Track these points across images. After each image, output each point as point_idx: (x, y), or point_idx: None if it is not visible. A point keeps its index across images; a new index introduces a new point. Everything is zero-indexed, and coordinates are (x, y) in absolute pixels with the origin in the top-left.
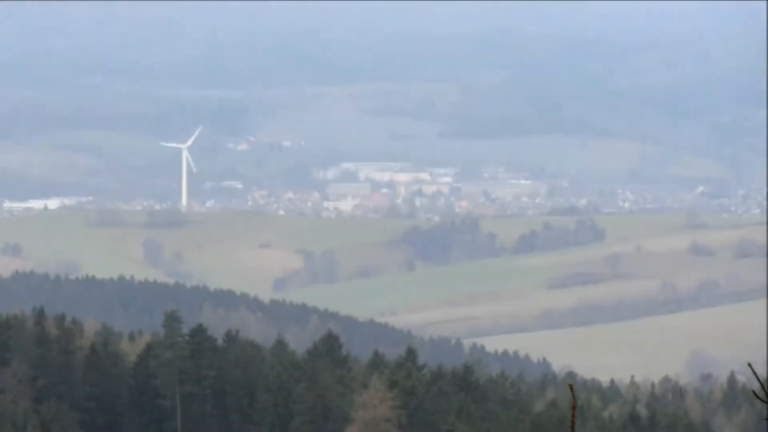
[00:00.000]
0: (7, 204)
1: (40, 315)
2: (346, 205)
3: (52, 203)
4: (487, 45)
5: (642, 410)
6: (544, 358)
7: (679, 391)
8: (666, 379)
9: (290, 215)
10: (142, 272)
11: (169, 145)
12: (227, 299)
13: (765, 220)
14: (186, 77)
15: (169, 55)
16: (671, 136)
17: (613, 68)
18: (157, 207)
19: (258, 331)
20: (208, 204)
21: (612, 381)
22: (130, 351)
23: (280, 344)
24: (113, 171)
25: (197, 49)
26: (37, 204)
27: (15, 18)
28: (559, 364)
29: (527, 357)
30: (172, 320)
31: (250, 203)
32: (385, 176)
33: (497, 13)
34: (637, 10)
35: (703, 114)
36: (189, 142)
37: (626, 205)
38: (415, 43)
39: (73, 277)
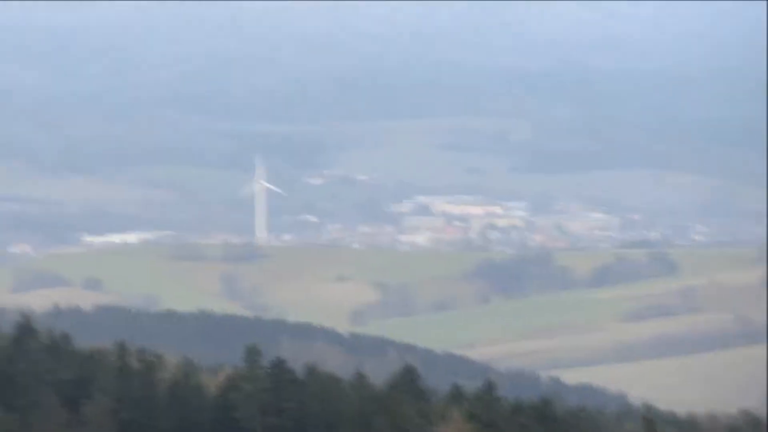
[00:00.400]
0: (87, 238)
1: (121, 349)
2: (421, 239)
3: (132, 237)
4: (558, 79)
5: None
6: (621, 391)
7: (758, 424)
8: (744, 412)
9: (365, 248)
10: (220, 305)
11: (247, 180)
12: (305, 332)
13: None
14: (262, 112)
15: (245, 90)
16: (742, 168)
17: (682, 101)
18: (235, 241)
19: (336, 364)
20: (285, 238)
21: (689, 414)
22: (211, 384)
23: (360, 377)
24: (191, 205)
25: (272, 83)
26: (117, 238)
27: (96, 53)
28: (636, 396)
29: (604, 389)
30: (252, 353)
31: (325, 237)
32: (459, 209)
33: (567, 48)
34: (701, 41)
35: None
36: (265, 177)
37: (698, 238)
38: (487, 77)
39: (153, 310)
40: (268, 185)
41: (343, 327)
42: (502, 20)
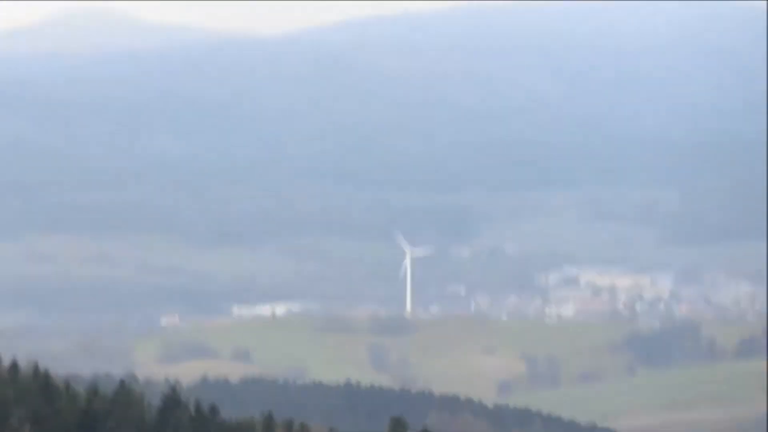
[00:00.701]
0: (236, 309)
1: (269, 420)
2: (568, 310)
3: (280, 308)
4: (706, 149)
5: None
6: None
7: None
8: None
9: (513, 320)
10: (368, 377)
11: (395, 251)
12: (452, 404)
13: None
14: (411, 182)
15: (395, 161)
16: None
17: None
18: (383, 312)
19: None
20: (433, 309)
21: None
22: None
23: None
24: (339, 276)
25: (422, 153)
26: (265, 309)
27: (246, 123)
28: None
29: None
30: (398, 425)
31: (473, 308)
32: (606, 280)
33: (715, 118)
34: None
35: None
36: (413, 248)
37: None
38: (635, 148)
39: (300, 381)
40: (415, 257)
41: (490, 398)
42: (649, 90)
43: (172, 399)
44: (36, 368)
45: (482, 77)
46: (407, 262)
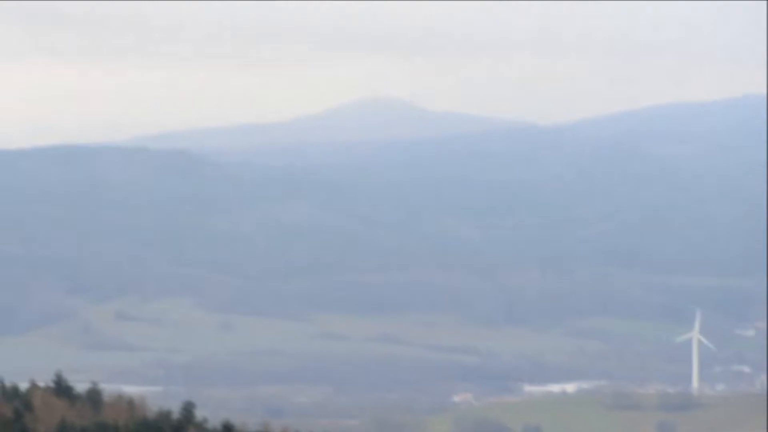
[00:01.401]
0: (527, 387)
1: None
2: None
3: (570, 387)
4: None
5: None
6: None
7: None
8: None
9: None
10: None
11: (681, 338)
12: None
13: None
14: (693, 265)
15: (677, 244)
16: None
17: None
18: (670, 390)
19: None
20: (718, 387)
21: None
22: None
23: None
24: (626, 356)
25: (703, 238)
26: (555, 387)
27: (531, 207)
28: None
29: None
30: None
31: (758, 387)
32: None
33: None
34: None
35: None
36: (696, 330)
37: None
38: None
39: None
40: (701, 337)
41: None
42: None
43: None
44: None
45: None
46: (694, 341)
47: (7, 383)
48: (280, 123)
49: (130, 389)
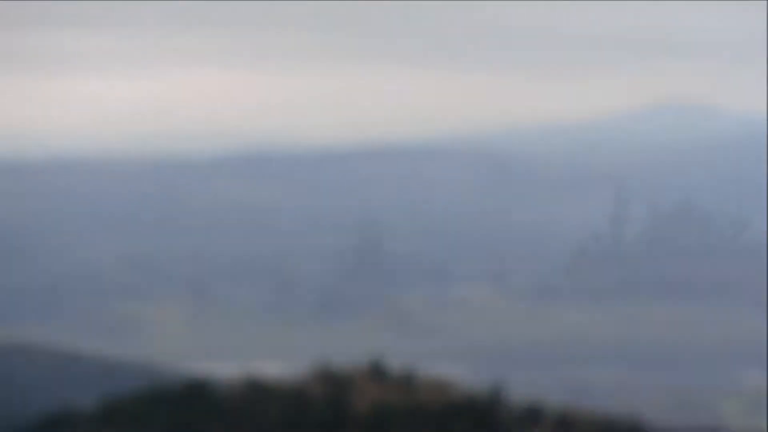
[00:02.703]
0: None
1: None
2: None
3: None
4: None
5: None
6: None
7: None
8: None
9: None
10: None
11: None
12: None
13: None
14: None
15: None
16: None
17: None
18: None
19: None
20: None
21: None
22: None
23: None
24: None
25: None
26: None
27: None
28: None
29: None
30: None
31: None
32: None
33: None
34: None
35: None
36: None
37: None
38: None
39: None
40: None
41: None
42: None
43: None
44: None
45: None
46: None
47: (330, 367)
48: (579, 123)
49: (441, 371)
